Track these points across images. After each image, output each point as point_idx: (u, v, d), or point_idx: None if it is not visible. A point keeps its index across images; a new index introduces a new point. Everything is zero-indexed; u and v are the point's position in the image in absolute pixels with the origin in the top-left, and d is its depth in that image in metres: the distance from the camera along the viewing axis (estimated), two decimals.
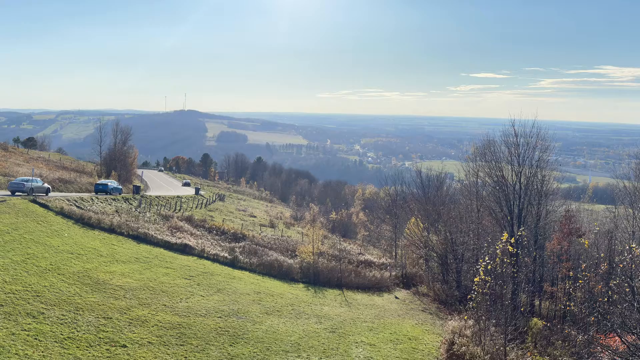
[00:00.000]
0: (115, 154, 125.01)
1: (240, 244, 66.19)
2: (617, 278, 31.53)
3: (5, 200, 58.18)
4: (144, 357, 31.04)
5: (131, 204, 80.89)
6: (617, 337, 29.42)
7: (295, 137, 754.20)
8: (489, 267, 37.86)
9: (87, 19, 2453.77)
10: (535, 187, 56.24)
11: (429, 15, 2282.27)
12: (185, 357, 32.16)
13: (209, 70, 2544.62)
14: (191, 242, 62.10)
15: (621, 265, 31.88)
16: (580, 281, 41.85)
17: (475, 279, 39.56)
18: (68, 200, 67.21)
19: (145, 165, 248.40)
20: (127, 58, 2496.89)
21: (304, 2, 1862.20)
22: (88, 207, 67.45)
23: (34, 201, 61.42)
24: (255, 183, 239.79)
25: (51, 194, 71.26)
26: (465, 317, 43.51)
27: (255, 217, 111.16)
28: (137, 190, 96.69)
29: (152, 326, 35.72)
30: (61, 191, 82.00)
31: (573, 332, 38.24)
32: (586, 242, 50.21)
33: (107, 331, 33.34)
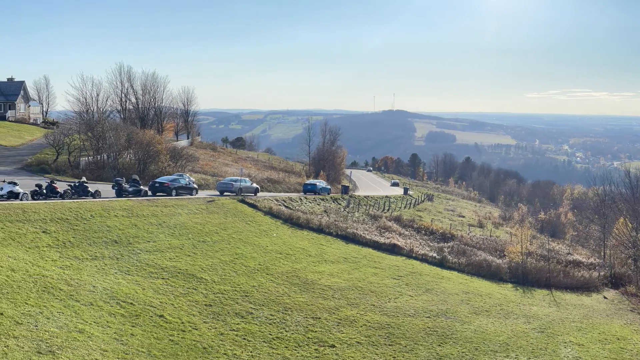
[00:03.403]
0: (324, 153, 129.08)
1: (449, 243, 65.77)
2: None
3: (214, 200, 61.65)
4: (352, 357, 31.39)
5: (339, 204, 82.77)
6: None
7: (503, 137, 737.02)
8: None
9: (294, 19, 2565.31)
10: None
11: (637, 15, 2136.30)
12: (394, 357, 32.16)
13: (415, 70, 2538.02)
14: (399, 242, 62.21)
15: None
16: None
17: None
18: (276, 200, 69.98)
19: (354, 165, 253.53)
20: (334, 58, 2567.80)
21: (509, 2, 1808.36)
22: (296, 207, 69.84)
23: (243, 201, 64.43)
24: (464, 183, 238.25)
25: (260, 194, 74.19)
26: None
27: (463, 217, 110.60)
28: (345, 190, 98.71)
29: (361, 326, 36.12)
30: (270, 191, 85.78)
31: None
32: None
33: (315, 331, 34.17)
